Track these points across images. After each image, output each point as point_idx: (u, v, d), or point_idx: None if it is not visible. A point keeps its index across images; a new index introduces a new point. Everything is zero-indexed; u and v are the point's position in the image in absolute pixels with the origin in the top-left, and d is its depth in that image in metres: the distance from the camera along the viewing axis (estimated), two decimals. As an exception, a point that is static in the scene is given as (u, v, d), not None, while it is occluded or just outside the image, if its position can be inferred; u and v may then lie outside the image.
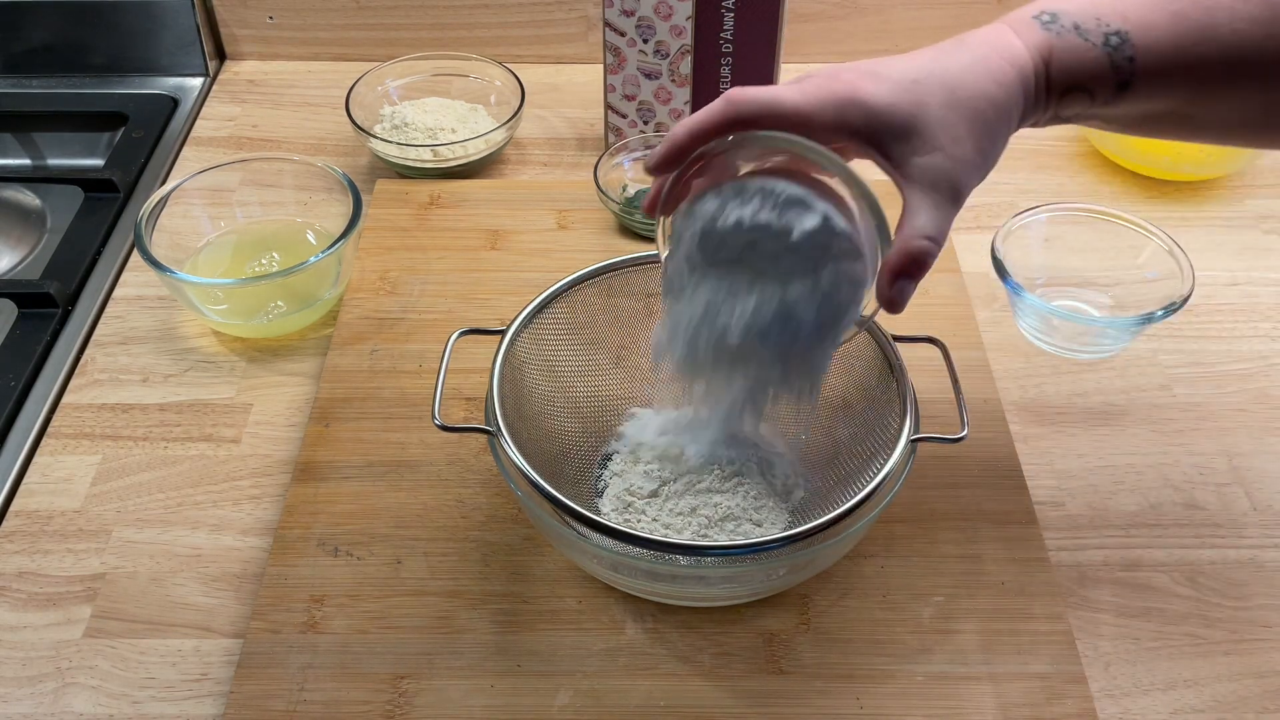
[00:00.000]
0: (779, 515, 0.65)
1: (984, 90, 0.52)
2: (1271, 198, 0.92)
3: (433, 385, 0.64)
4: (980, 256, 0.82)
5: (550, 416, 0.68)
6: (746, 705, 0.59)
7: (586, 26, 1.06)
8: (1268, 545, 0.68)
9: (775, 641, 0.62)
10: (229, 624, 0.64)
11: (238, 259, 0.84)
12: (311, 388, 0.77)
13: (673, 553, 0.56)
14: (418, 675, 0.60)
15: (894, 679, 0.60)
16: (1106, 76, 0.53)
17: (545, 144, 0.99)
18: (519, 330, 0.65)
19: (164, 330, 0.82)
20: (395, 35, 1.06)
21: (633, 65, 0.90)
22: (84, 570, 0.66)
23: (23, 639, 0.63)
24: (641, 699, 0.59)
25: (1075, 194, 0.93)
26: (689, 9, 0.86)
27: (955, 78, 0.52)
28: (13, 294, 0.82)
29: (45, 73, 1.06)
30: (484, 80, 1.00)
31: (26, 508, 0.70)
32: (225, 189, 0.85)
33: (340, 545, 0.66)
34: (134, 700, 0.61)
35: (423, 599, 0.64)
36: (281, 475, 0.72)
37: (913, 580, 0.64)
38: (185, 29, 1.04)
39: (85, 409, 0.76)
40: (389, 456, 0.71)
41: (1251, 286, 0.85)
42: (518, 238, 0.87)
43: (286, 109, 1.03)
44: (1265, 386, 0.77)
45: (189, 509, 0.70)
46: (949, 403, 0.63)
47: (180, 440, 0.74)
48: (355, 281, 0.83)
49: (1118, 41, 0.52)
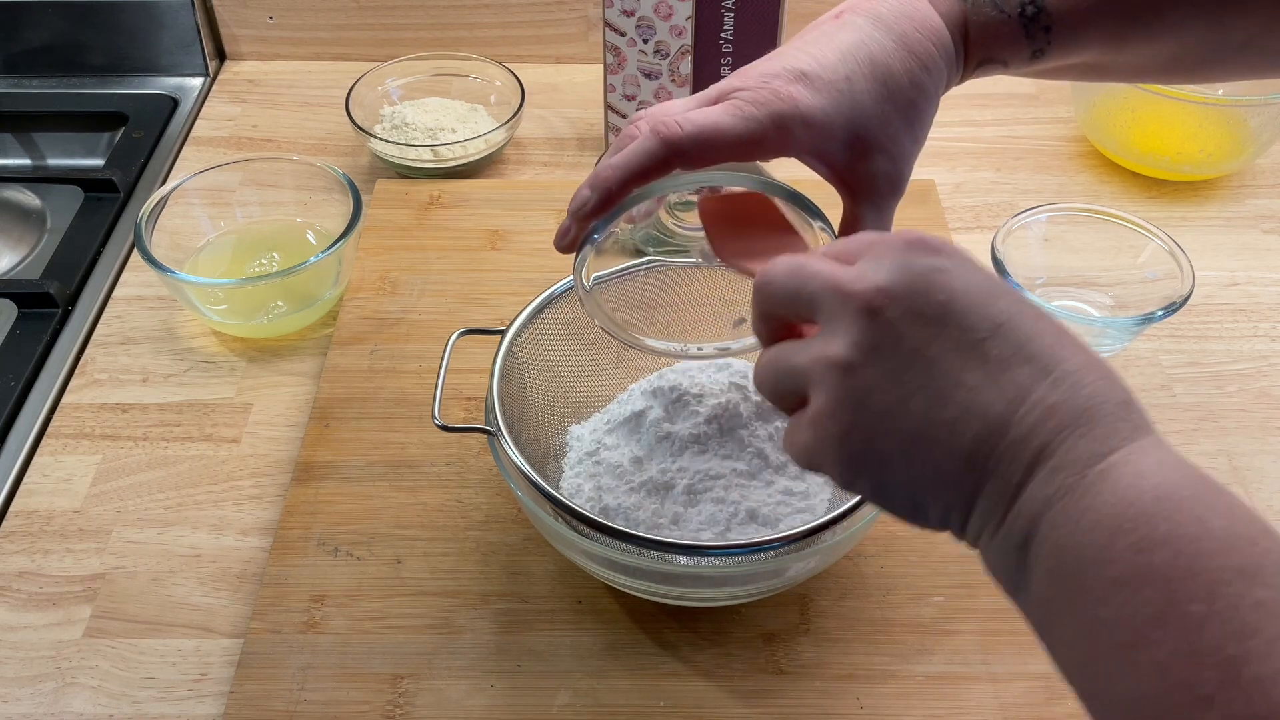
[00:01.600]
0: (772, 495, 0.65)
1: (913, 77, 0.51)
2: (1271, 198, 0.92)
3: (433, 385, 0.64)
4: (980, 256, 0.82)
5: (550, 416, 0.68)
6: (746, 705, 0.59)
7: (586, 26, 1.06)
8: (1268, 545, 0.68)
9: (775, 641, 0.62)
10: (229, 624, 0.64)
11: (238, 259, 0.84)
12: (311, 388, 0.77)
13: (673, 553, 0.56)
14: (418, 675, 0.60)
15: (894, 679, 0.60)
16: (1022, 47, 0.52)
17: (545, 144, 0.99)
18: (519, 330, 0.65)
19: (164, 330, 0.82)
20: (395, 35, 1.06)
21: (633, 65, 0.90)
22: (84, 570, 0.66)
23: (23, 639, 0.63)
24: (641, 699, 0.59)
25: (1075, 194, 0.93)
26: (689, 9, 0.86)
27: (884, 66, 0.50)
28: (13, 294, 0.82)
29: (45, 73, 1.06)
30: (484, 80, 1.00)
31: (26, 508, 0.70)
32: (225, 189, 0.85)
33: (340, 545, 0.66)
34: (134, 700, 0.61)
35: (423, 599, 0.64)
36: (281, 475, 0.72)
37: (913, 580, 0.64)
38: (185, 29, 1.04)
39: (85, 409, 0.76)
40: (389, 456, 0.71)
41: (1251, 286, 0.85)
42: (518, 238, 0.87)
43: (286, 109, 1.03)
44: (1265, 386, 0.77)
45: (189, 509, 0.70)
46: (949, 403, 0.63)
47: (180, 440, 0.74)
48: (355, 281, 0.83)
49: (1034, 11, 0.51)
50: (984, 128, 1.00)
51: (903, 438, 0.39)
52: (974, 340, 0.39)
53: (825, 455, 0.41)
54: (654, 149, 0.49)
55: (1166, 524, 0.35)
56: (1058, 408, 0.38)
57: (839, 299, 0.40)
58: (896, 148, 0.51)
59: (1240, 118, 0.88)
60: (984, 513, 0.39)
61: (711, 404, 0.65)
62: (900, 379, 0.39)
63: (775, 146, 0.50)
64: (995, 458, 0.38)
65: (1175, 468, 0.37)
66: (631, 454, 0.65)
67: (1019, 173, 0.95)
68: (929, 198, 0.90)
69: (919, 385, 0.39)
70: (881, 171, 0.51)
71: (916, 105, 0.51)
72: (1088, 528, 0.36)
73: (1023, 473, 0.38)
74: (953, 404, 0.39)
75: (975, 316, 0.39)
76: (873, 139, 0.51)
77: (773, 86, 0.50)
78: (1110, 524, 0.36)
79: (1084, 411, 0.38)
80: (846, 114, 0.50)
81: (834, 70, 0.50)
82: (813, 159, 0.51)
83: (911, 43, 0.51)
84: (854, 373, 0.40)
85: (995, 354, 0.39)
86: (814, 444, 0.42)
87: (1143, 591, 0.34)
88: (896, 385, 0.39)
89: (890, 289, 0.39)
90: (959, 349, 0.39)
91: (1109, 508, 0.36)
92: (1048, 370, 0.39)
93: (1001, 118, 1.00)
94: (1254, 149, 0.90)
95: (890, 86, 0.50)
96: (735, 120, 0.49)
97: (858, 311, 0.40)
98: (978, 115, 1.01)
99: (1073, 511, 0.36)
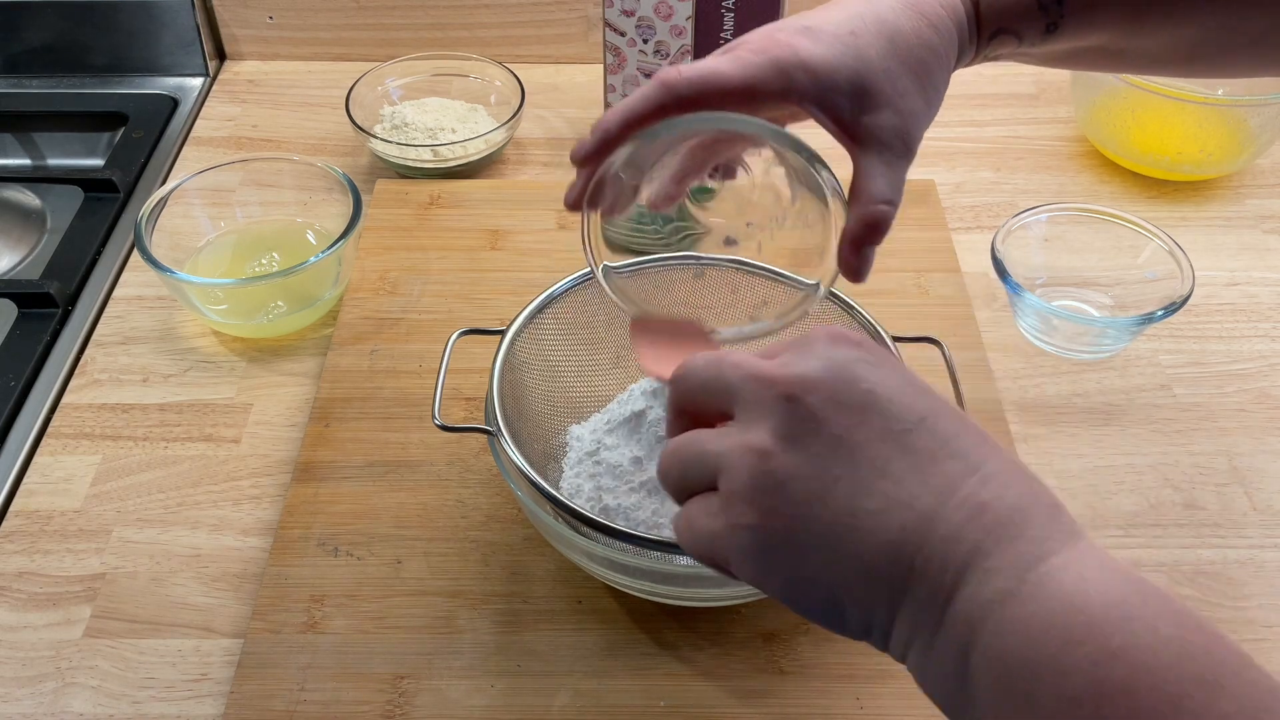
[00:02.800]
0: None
1: (922, 36, 0.50)
2: (1271, 198, 0.92)
3: (433, 385, 0.64)
4: (980, 256, 0.82)
5: (550, 416, 0.68)
6: (746, 705, 0.59)
7: (586, 26, 1.06)
8: (1267, 545, 0.68)
9: (775, 641, 0.62)
10: (229, 624, 0.64)
11: (238, 259, 0.84)
12: (311, 388, 0.77)
13: (673, 553, 0.56)
14: (418, 675, 0.60)
15: (894, 679, 0.60)
16: (1035, 19, 0.51)
17: (545, 144, 0.99)
18: (519, 330, 0.65)
19: (164, 330, 0.82)
20: (395, 35, 1.06)
21: (633, 65, 0.90)
22: (84, 570, 0.66)
23: (23, 639, 0.63)
24: (641, 699, 0.59)
25: (1075, 194, 0.93)
26: (689, 9, 0.86)
27: (891, 25, 0.49)
28: (13, 294, 0.82)
29: (45, 73, 1.06)
30: (484, 80, 1.00)
31: (26, 508, 0.70)
32: (225, 189, 0.85)
33: (340, 545, 0.66)
34: (134, 700, 0.61)
35: (423, 599, 0.64)
36: (281, 475, 0.72)
37: (913, 580, 0.64)
38: (185, 29, 1.04)
39: (85, 409, 0.76)
40: (389, 456, 0.71)
41: (1251, 286, 0.85)
42: (518, 238, 0.87)
43: (286, 109, 1.03)
44: (1265, 386, 0.77)
45: (189, 509, 0.70)
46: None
47: (180, 440, 0.74)
48: (355, 281, 0.83)
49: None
50: (984, 128, 1.00)
51: (823, 528, 0.37)
52: (898, 430, 0.38)
53: (732, 545, 0.39)
54: (653, 93, 0.49)
55: (1120, 635, 0.33)
56: (989, 505, 0.36)
57: (759, 386, 0.39)
58: (905, 104, 0.50)
59: (1240, 118, 0.88)
60: (912, 618, 0.37)
61: None
62: (822, 466, 0.38)
63: (775, 92, 0.49)
64: (924, 555, 0.36)
65: (1117, 573, 0.35)
66: (631, 454, 0.65)
67: (1019, 173, 0.95)
68: (929, 198, 0.90)
69: (841, 473, 0.37)
70: (889, 125, 0.49)
71: (926, 64, 0.50)
72: (1036, 637, 0.34)
73: (955, 574, 0.36)
74: (877, 494, 0.37)
75: (899, 407, 0.38)
76: (879, 92, 0.49)
77: (775, 37, 0.49)
78: (1060, 634, 0.34)
79: (1016, 511, 0.36)
80: (851, 65, 0.49)
81: (838, 25, 0.49)
82: (816, 109, 0.50)
83: (922, 6, 0.50)
84: (772, 458, 0.38)
85: (921, 446, 0.37)
86: (722, 532, 0.39)
87: (1103, 709, 0.32)
88: (818, 472, 0.38)
89: (812, 376, 0.38)
90: (883, 438, 0.38)
91: (1056, 615, 0.34)
92: (975, 467, 0.37)
93: (1001, 118, 1.00)
94: (1254, 149, 0.90)
95: (898, 43, 0.49)
96: (735, 66, 0.48)
97: (778, 397, 0.38)
98: (978, 115, 1.01)
99: (1017, 618, 0.34)
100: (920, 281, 0.82)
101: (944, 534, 0.36)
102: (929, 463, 0.37)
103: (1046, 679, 0.33)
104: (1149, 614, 0.34)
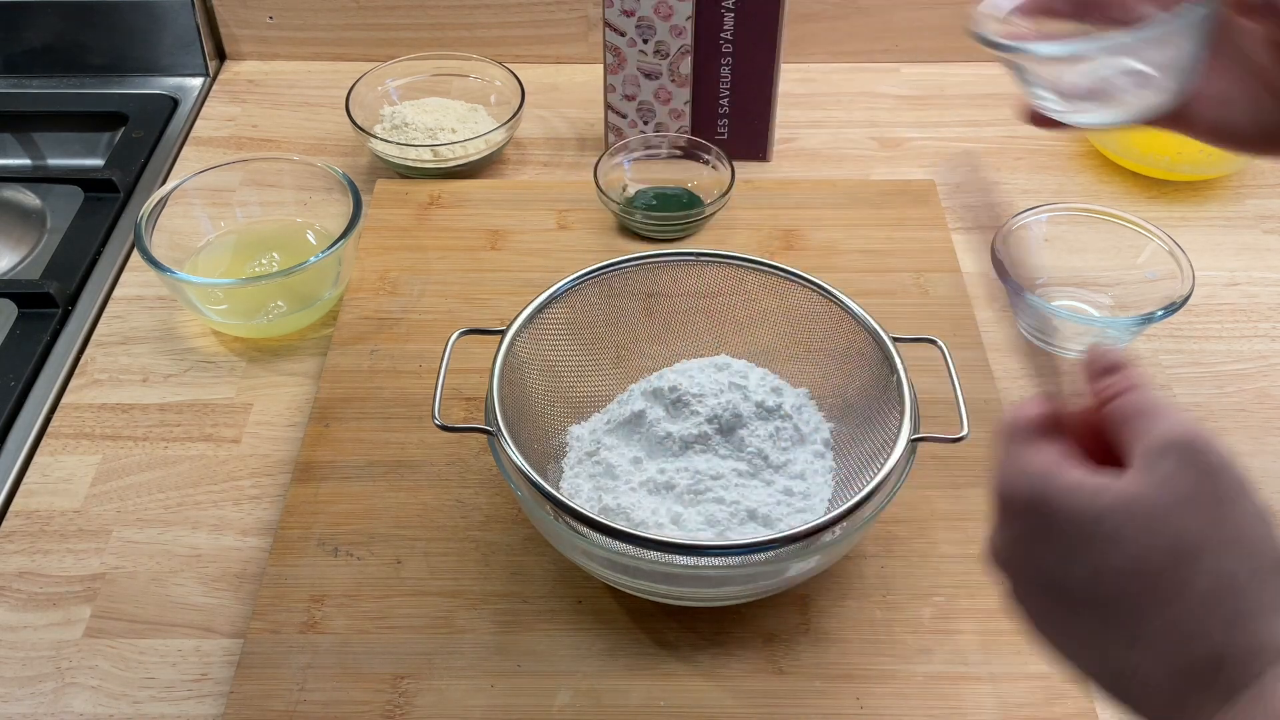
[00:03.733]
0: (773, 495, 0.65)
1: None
2: (1271, 198, 0.92)
3: (433, 385, 0.64)
4: (980, 256, 0.82)
5: (550, 416, 0.68)
6: (746, 705, 0.59)
7: (586, 26, 1.06)
8: (1268, 545, 0.68)
9: (775, 641, 0.62)
10: (229, 624, 0.64)
11: (238, 259, 0.84)
12: (311, 388, 0.77)
13: (673, 553, 0.56)
14: (418, 675, 0.60)
15: (894, 679, 0.60)
16: None
17: (545, 144, 0.99)
18: (519, 330, 0.65)
19: (164, 330, 0.82)
20: (395, 35, 1.06)
21: (633, 65, 0.90)
22: (84, 570, 0.66)
23: (23, 639, 0.63)
24: (641, 699, 0.59)
25: (1075, 194, 0.93)
26: (689, 9, 0.86)
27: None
28: (13, 294, 0.82)
29: (45, 73, 1.06)
30: (484, 80, 1.00)
31: (26, 508, 0.70)
32: (225, 189, 0.85)
33: (340, 545, 0.66)
34: (134, 700, 0.61)
35: (423, 599, 0.64)
36: (281, 475, 0.72)
37: (913, 580, 0.64)
38: (185, 29, 1.04)
39: (85, 409, 0.76)
40: (389, 456, 0.71)
41: (1251, 286, 0.85)
42: (518, 238, 0.87)
43: (286, 109, 1.03)
44: (1265, 386, 0.77)
45: (189, 509, 0.70)
46: (949, 403, 0.63)
47: (180, 440, 0.74)
48: (355, 281, 0.83)
49: None
50: (984, 128, 1.00)
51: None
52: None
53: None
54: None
55: None
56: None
57: (1168, 443, 0.40)
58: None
59: (1240, 118, 0.88)
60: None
61: (711, 404, 0.65)
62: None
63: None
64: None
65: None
66: (631, 454, 0.66)
67: (1019, 173, 0.95)
68: (929, 198, 0.90)
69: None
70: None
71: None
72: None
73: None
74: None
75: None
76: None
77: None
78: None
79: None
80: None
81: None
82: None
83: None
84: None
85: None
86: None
87: None
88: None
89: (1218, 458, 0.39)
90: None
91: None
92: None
93: (1001, 118, 1.00)
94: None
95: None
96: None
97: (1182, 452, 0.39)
98: (978, 115, 1.01)
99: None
100: (920, 281, 0.82)
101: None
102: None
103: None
104: None
